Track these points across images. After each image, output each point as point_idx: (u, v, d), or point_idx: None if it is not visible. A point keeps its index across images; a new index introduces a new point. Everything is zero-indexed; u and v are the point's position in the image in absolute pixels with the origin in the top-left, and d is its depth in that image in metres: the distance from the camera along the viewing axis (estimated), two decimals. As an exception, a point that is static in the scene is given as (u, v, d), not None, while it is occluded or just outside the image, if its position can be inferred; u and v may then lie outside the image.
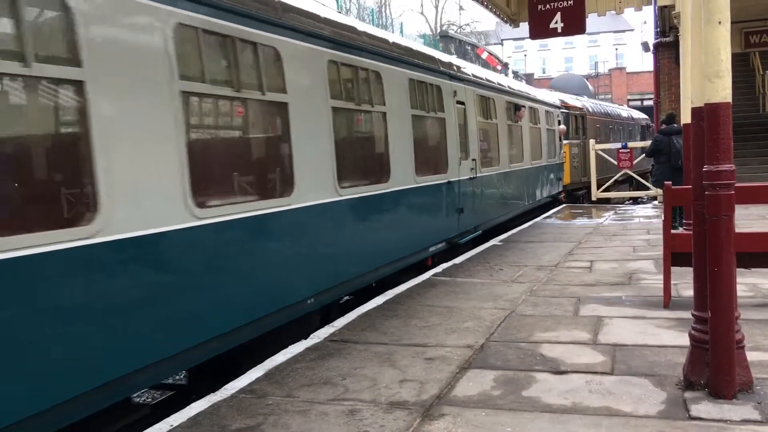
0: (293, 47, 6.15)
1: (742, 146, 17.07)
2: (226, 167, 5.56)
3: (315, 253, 6.39)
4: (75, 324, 3.87)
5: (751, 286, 7.10)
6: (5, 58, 3.56)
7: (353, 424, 4.07)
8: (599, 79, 53.35)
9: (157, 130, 4.54)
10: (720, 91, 4.06)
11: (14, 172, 3.83)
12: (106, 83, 4.11)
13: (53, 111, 4.12)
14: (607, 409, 4.12)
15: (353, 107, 7.41)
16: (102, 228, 4.02)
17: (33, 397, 3.62)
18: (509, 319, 6.39)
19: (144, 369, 4.32)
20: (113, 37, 4.22)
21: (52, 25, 3.99)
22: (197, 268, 4.86)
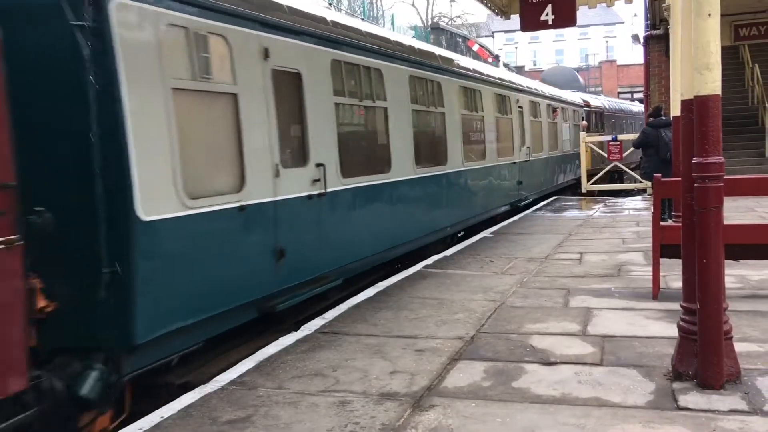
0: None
1: (732, 139, 17.14)
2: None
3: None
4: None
5: (740, 277, 7.15)
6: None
7: (344, 415, 4.08)
8: (590, 71, 53.46)
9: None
10: (709, 84, 4.07)
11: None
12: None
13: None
14: (596, 399, 4.15)
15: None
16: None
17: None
18: (499, 310, 6.42)
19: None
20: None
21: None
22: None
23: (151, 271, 4.75)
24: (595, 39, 68.68)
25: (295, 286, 6.49)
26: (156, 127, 4.86)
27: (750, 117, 19.40)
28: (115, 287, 4.49)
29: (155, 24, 4.95)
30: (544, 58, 68.53)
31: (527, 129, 15.65)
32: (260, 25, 6.15)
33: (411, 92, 9.46)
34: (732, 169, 12.73)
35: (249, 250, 5.87)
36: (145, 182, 4.68)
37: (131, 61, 4.67)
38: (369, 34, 8.61)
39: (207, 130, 5.62)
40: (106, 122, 4.52)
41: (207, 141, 5.62)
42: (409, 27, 34.92)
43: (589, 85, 46.86)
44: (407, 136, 9.23)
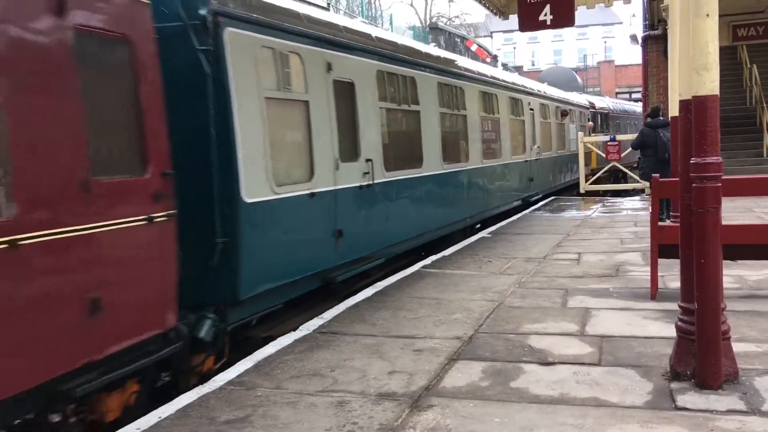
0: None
1: (730, 139, 17.15)
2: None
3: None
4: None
5: (738, 277, 7.16)
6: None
7: (342, 415, 4.08)
8: (588, 71, 53.50)
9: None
10: (708, 84, 4.08)
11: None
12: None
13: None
14: (594, 399, 4.15)
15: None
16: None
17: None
18: (498, 310, 6.42)
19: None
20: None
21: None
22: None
23: (251, 242, 5.98)
24: (593, 39, 68.69)
25: (350, 261, 7.74)
26: (254, 128, 6.09)
27: (748, 117, 19.42)
28: (225, 254, 5.68)
29: (254, 47, 6.19)
30: (542, 58, 68.55)
31: (537, 129, 16.94)
32: (325, 43, 7.39)
33: (439, 97, 10.69)
34: (730, 170, 12.75)
35: (317, 229, 7.15)
36: (247, 172, 5.91)
37: (238, 76, 5.86)
38: (404, 47, 9.96)
39: (287, 130, 6.91)
40: (220, 124, 5.68)
41: (287, 140, 6.94)
42: (408, 27, 34.91)
43: (587, 85, 46.89)
44: (436, 136, 10.47)
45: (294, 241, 6.72)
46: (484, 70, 14.26)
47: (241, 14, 6.06)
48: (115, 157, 4.72)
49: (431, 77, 10.43)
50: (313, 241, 7.03)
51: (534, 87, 17.80)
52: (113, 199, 4.42)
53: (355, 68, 8.08)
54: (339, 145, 7.52)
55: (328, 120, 7.35)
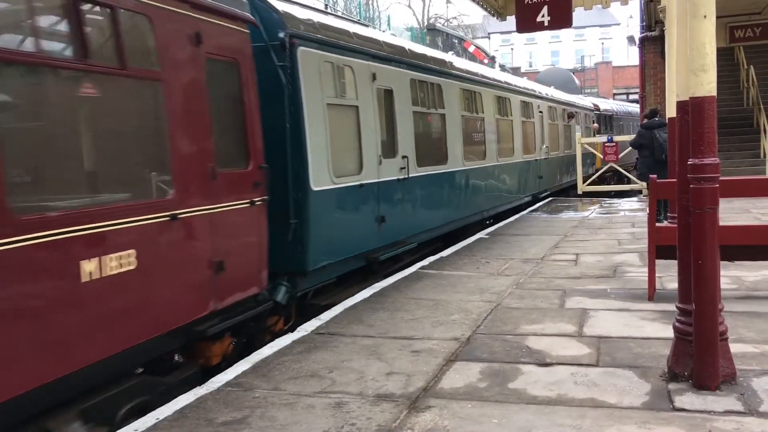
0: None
1: (727, 140, 17.18)
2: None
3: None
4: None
5: (735, 278, 7.17)
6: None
7: (340, 416, 4.07)
8: (585, 73, 53.59)
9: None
10: (705, 85, 4.08)
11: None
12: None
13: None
14: (592, 400, 4.15)
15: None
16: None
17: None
18: (495, 311, 6.42)
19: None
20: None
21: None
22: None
23: (316, 224, 7.19)
24: (590, 40, 68.79)
25: (389, 244, 8.96)
26: (319, 129, 7.32)
27: (745, 118, 19.45)
28: (297, 233, 6.94)
29: (318, 62, 7.43)
30: (540, 59, 68.63)
31: (546, 131, 18.18)
32: (370, 56, 8.64)
33: (460, 101, 11.95)
34: (727, 171, 12.76)
35: (364, 215, 8.39)
36: (314, 165, 7.16)
37: (307, 87, 7.09)
38: (432, 57, 11.23)
39: (343, 131, 8.02)
40: (294, 126, 6.95)
41: (343, 139, 8.02)
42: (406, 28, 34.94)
43: (584, 86, 46.94)
44: (458, 136, 11.68)
45: (347, 225, 8.01)
46: (499, 76, 15.63)
47: (309, 35, 7.31)
48: (229, 152, 5.83)
49: (454, 84, 11.70)
50: (361, 225, 8.32)
51: (543, 91, 19.09)
52: (229, 186, 5.58)
53: (394, 77, 9.35)
54: (381, 143, 8.80)
55: (373, 122, 8.61)
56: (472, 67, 14.03)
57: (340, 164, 7.77)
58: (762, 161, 17.23)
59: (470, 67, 13.72)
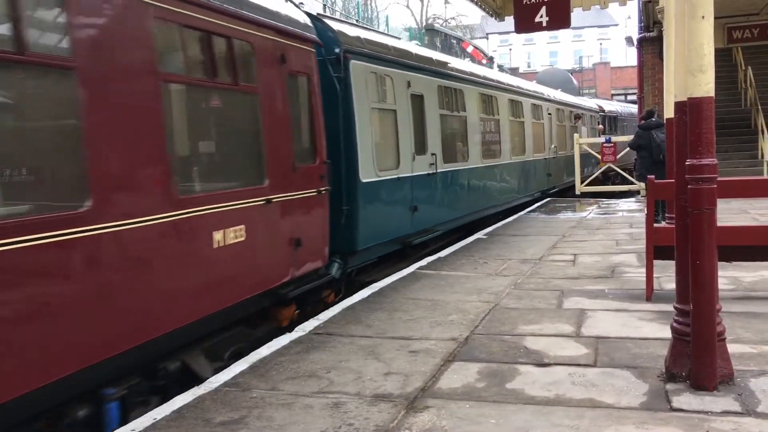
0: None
1: (725, 141, 17.21)
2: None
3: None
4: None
5: (733, 279, 7.18)
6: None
7: (338, 416, 4.07)
8: (584, 73, 53.59)
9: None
10: (703, 86, 4.08)
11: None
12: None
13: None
14: (590, 401, 4.15)
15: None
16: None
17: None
18: (493, 312, 6.42)
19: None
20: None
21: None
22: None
23: (364, 210, 8.51)
24: (589, 41, 68.84)
25: (420, 231, 10.34)
26: (366, 130, 8.65)
27: (743, 119, 19.48)
28: (348, 218, 8.24)
29: (365, 72, 8.81)
30: (538, 59, 68.65)
31: (554, 131, 19.60)
32: (405, 67, 10.11)
33: (479, 105, 13.34)
34: (725, 171, 12.79)
35: (401, 204, 9.71)
36: (362, 160, 8.51)
37: (357, 94, 8.45)
38: (455, 67, 12.73)
39: (384, 132, 9.46)
40: (346, 127, 8.25)
41: (384, 138, 9.45)
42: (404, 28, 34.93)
43: (583, 87, 46.95)
44: (477, 136, 13.15)
45: (388, 212, 9.35)
46: (513, 81, 17.08)
47: (358, 50, 8.65)
48: (303, 150, 7.14)
49: (474, 89, 13.12)
50: (398, 213, 9.66)
51: (551, 94, 20.63)
52: (303, 178, 6.87)
53: (424, 84, 10.68)
54: (414, 142, 10.13)
55: (408, 123, 9.97)
56: (489, 73, 15.63)
57: (382, 160, 9.15)
58: (760, 162, 17.26)
59: (488, 73, 15.30)
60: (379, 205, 9.08)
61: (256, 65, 6.20)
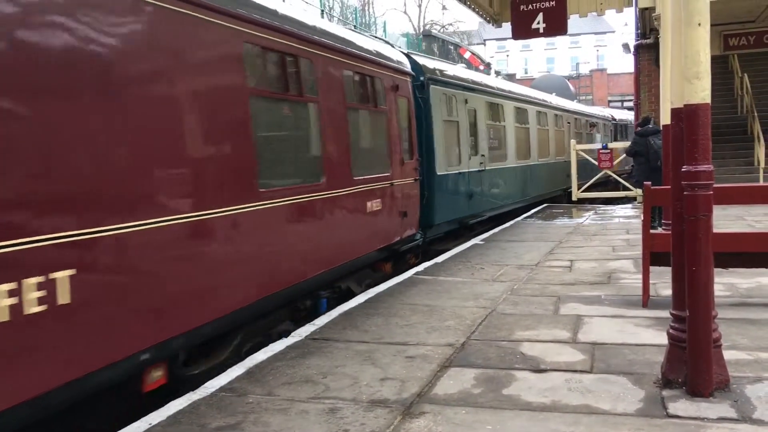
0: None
1: (721, 147, 17.27)
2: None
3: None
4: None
5: (729, 285, 7.19)
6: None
7: (334, 422, 4.06)
8: (580, 80, 53.75)
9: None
10: (699, 92, 4.09)
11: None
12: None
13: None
14: (586, 407, 4.15)
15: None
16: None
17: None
18: (490, 317, 6.42)
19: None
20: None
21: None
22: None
23: (438, 195, 11.41)
24: (585, 48, 69.05)
25: (473, 214, 13.58)
26: (440, 136, 11.65)
27: (739, 126, 19.55)
28: (428, 200, 10.97)
29: (439, 94, 11.95)
30: (535, 66, 68.83)
31: (573, 135, 22.53)
32: (464, 88, 13.34)
33: (514, 116, 16.48)
34: (721, 178, 12.81)
35: (461, 192, 12.82)
36: (438, 158, 11.61)
37: (434, 110, 11.54)
38: (497, 87, 16.23)
39: (449, 137, 12.50)
40: (428, 135, 11.17)
41: (450, 142, 12.54)
42: (401, 34, 35.00)
43: (579, 93, 47.08)
44: (513, 141, 16.25)
45: (453, 197, 12.44)
46: (539, 96, 20.37)
47: (435, 78, 11.90)
48: (406, 150, 10.11)
49: (510, 103, 16.31)
50: (459, 199, 12.81)
51: (570, 106, 24.43)
52: (407, 169, 9.88)
53: (476, 101, 13.95)
54: (470, 145, 13.37)
55: (466, 131, 13.25)
56: (522, 90, 19.19)
57: (449, 158, 12.33)
58: (756, 169, 17.31)
59: (521, 90, 18.87)
60: (447, 192, 12.15)
61: (384, 93, 9.36)
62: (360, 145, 8.61)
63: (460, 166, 12.74)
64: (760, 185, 13.10)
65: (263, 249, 6.10)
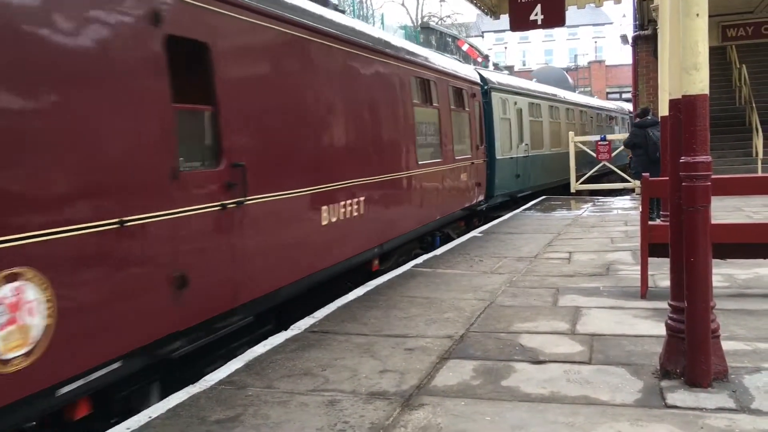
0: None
1: (719, 139, 17.24)
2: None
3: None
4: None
5: (727, 276, 7.20)
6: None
7: (333, 414, 4.07)
8: (578, 71, 53.63)
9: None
10: (697, 83, 4.09)
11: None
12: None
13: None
14: (584, 398, 4.16)
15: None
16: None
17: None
18: (489, 309, 6.43)
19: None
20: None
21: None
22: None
23: (498, 175, 15.45)
24: (584, 39, 68.92)
25: (520, 189, 17.12)
26: (498, 130, 15.80)
27: (737, 117, 19.53)
28: (489, 177, 14.80)
29: (497, 98, 16.07)
30: (533, 58, 68.72)
31: (595, 130, 25.89)
32: (514, 93, 17.37)
33: (549, 113, 20.27)
34: (719, 169, 12.82)
35: (511, 172, 16.61)
36: (498, 146, 15.73)
37: (495, 110, 15.77)
38: (537, 90, 20.21)
39: (503, 130, 16.30)
40: (489, 129, 15.18)
41: (504, 134, 16.28)
42: (399, 26, 34.89)
43: (577, 85, 47.01)
44: (548, 133, 20.00)
45: (506, 176, 16.09)
46: (568, 96, 24.53)
47: (495, 86, 15.87)
48: (479, 138, 13.93)
49: (546, 102, 20.17)
50: (510, 178, 16.47)
51: (593, 103, 28.82)
52: (479, 152, 13.81)
53: (522, 102, 17.84)
54: (517, 136, 17.19)
55: (515, 126, 17.11)
56: (555, 91, 22.55)
57: (504, 146, 16.13)
58: (754, 160, 17.30)
59: (555, 92, 22.40)
60: (503, 172, 15.82)
61: (468, 99, 13.25)
62: (457, 136, 12.47)
63: (511, 152, 16.68)
64: (759, 176, 13.11)
65: (421, 198, 10.24)
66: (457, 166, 12.02)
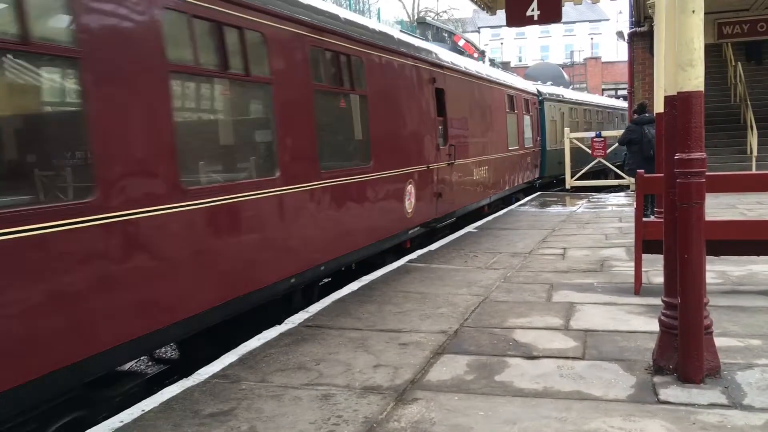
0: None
1: (714, 136, 17.28)
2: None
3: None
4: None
5: (720, 273, 7.22)
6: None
7: (327, 408, 4.08)
8: (574, 68, 53.59)
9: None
10: (693, 80, 4.10)
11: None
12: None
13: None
14: (577, 393, 4.18)
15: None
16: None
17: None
18: (483, 305, 6.44)
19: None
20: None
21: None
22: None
23: (546, 161, 20.89)
24: (580, 36, 68.86)
25: (542, 176, 20.61)
26: (548, 129, 21.21)
27: (732, 114, 19.57)
28: (541, 162, 20.49)
29: (548, 105, 21.49)
30: (529, 54, 68.63)
31: (617, 127, 29.79)
32: (558, 101, 22.84)
33: (582, 116, 25.28)
34: (714, 166, 12.82)
35: (555, 160, 21.12)
36: (547, 140, 21.08)
37: (546, 115, 21.18)
38: (574, 98, 25.66)
39: (552, 129, 21.54)
40: (542, 129, 20.70)
41: (553, 132, 21.67)
42: (396, 21, 34.82)
43: (573, 81, 47.00)
44: (583, 129, 24.10)
45: (553, 162, 20.95)
46: (594, 100, 30.58)
47: (547, 97, 21.36)
48: (536, 133, 19.90)
49: (580, 107, 25.35)
50: (555, 163, 20.90)
51: (610, 103, 33.90)
52: (537, 144, 19.89)
53: (565, 107, 23.07)
54: (561, 133, 20.78)
55: (560, 125, 21.78)
56: (586, 97, 28.91)
57: (552, 140, 20.74)
58: (748, 157, 17.35)
59: (585, 97, 28.54)
60: (551, 159, 20.57)
61: (531, 106, 18.79)
62: (526, 132, 17.87)
63: (556, 145, 21.02)
64: (753, 173, 13.15)
65: (511, 170, 16.27)
66: (526, 152, 18.15)
